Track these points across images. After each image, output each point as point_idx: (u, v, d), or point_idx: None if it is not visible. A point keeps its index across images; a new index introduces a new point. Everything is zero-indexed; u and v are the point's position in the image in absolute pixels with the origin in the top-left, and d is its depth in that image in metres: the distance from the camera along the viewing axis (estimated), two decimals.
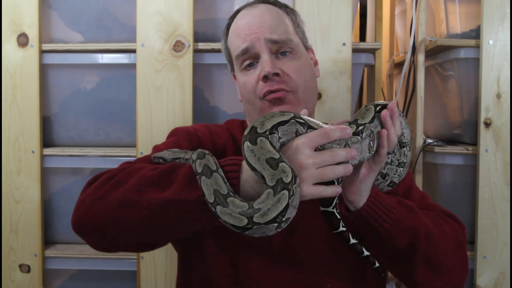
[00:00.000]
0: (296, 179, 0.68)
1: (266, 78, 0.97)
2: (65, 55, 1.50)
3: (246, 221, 0.67)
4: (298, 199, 0.69)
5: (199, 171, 0.74)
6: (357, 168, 0.85)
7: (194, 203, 0.73)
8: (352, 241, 0.91)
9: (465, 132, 1.54)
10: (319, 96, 1.43)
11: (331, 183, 0.74)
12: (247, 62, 1.02)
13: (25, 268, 1.51)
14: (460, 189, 1.55)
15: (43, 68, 1.51)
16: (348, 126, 0.75)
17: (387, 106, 0.84)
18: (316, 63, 1.11)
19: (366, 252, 0.93)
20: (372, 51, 1.56)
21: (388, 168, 0.93)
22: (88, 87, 1.55)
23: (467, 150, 1.49)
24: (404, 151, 0.92)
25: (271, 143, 0.70)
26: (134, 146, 1.50)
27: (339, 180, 0.80)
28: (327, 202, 0.88)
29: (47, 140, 1.56)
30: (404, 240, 0.89)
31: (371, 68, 1.66)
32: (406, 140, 0.92)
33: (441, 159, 1.51)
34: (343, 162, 0.73)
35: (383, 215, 0.87)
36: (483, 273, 1.47)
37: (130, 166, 0.84)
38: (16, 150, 1.49)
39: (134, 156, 1.47)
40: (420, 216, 0.91)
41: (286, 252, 0.97)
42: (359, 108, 1.00)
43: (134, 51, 1.47)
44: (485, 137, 1.46)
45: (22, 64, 1.48)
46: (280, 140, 0.73)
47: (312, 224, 0.97)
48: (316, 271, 0.96)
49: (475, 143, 1.49)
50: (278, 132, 0.73)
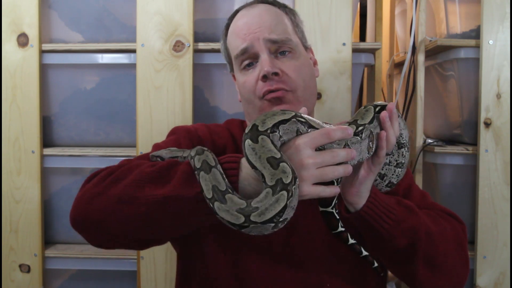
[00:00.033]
0: (296, 180, 0.68)
1: (265, 77, 0.97)
2: (65, 55, 1.50)
3: (243, 219, 0.66)
4: (297, 201, 0.69)
5: (198, 166, 0.74)
6: (356, 170, 0.84)
7: (193, 199, 0.73)
8: (351, 241, 0.91)
9: (465, 132, 1.54)
10: (319, 96, 1.43)
11: (330, 183, 0.74)
12: (246, 62, 1.02)
13: (25, 268, 1.51)
14: (460, 189, 1.55)
15: (43, 68, 1.51)
16: (349, 127, 0.75)
17: (386, 107, 0.84)
18: (315, 63, 1.11)
19: (364, 252, 0.93)
20: (372, 51, 1.56)
21: (386, 169, 0.93)
22: (88, 87, 1.55)
23: (467, 150, 1.49)
24: (402, 152, 0.92)
25: (272, 142, 0.70)
26: (134, 146, 1.50)
27: (339, 180, 0.80)
28: (326, 202, 0.88)
29: (47, 140, 1.56)
30: (404, 240, 0.89)
31: (371, 68, 1.66)
32: (405, 141, 0.92)
33: (441, 159, 1.51)
34: (342, 163, 0.72)
35: (383, 215, 0.87)
36: (483, 273, 1.47)
37: (129, 163, 0.84)
38: (16, 150, 1.49)
39: (134, 156, 1.47)
40: (420, 216, 0.91)
41: (286, 252, 0.97)
42: (359, 108, 1.00)
43: (134, 51, 1.47)
44: (485, 137, 1.46)
45: (22, 64, 1.48)
46: (281, 139, 0.73)
47: (312, 224, 0.97)
48: (316, 271, 0.96)
49: (475, 143, 1.49)
50: (279, 130, 0.72)
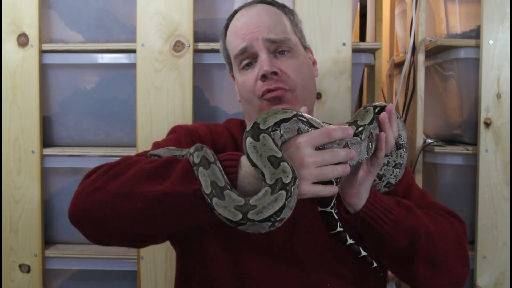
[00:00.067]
0: (296, 180, 0.68)
1: (264, 77, 0.97)
2: (65, 55, 1.50)
3: (241, 216, 0.67)
4: (295, 201, 0.69)
5: (197, 162, 0.74)
6: (355, 171, 0.85)
7: (191, 196, 0.73)
8: (350, 241, 0.91)
9: (465, 132, 1.54)
10: (319, 96, 1.43)
11: (329, 183, 0.74)
12: (246, 62, 1.02)
13: (25, 268, 1.51)
14: (460, 189, 1.55)
15: (43, 68, 1.51)
16: (349, 127, 0.75)
17: (385, 107, 0.84)
18: (314, 62, 1.11)
19: (363, 252, 0.93)
20: (372, 51, 1.56)
21: (384, 169, 0.93)
22: (88, 87, 1.55)
23: (467, 150, 1.49)
24: (400, 153, 0.93)
25: (273, 141, 0.70)
26: (134, 146, 1.50)
27: (338, 180, 0.80)
28: (325, 202, 0.88)
29: (47, 140, 1.56)
30: (404, 240, 0.89)
31: (371, 68, 1.66)
32: (403, 142, 0.92)
33: (441, 159, 1.51)
34: (341, 163, 0.73)
35: (383, 216, 0.87)
36: (483, 273, 1.47)
37: (128, 159, 0.84)
38: (16, 150, 1.49)
39: None
40: (419, 215, 0.91)
41: (286, 252, 0.97)
42: (359, 108, 1.00)
43: (134, 51, 1.47)
44: (485, 137, 1.46)
45: (22, 64, 1.48)
46: (282, 138, 0.73)
47: (312, 224, 0.97)
48: (316, 271, 0.96)
49: (475, 143, 1.49)
50: (280, 129, 0.72)
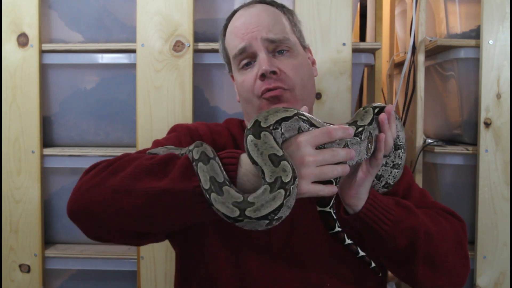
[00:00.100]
0: (296, 180, 0.68)
1: (263, 76, 0.98)
2: (65, 55, 1.50)
3: (238, 213, 0.67)
4: (294, 200, 0.69)
5: (196, 157, 0.74)
6: (354, 172, 0.85)
7: (190, 193, 0.73)
8: (348, 241, 0.92)
9: (465, 132, 1.54)
10: (319, 96, 1.43)
11: (328, 182, 0.74)
12: (245, 62, 1.02)
13: (25, 268, 1.51)
14: (460, 189, 1.55)
15: (43, 68, 1.51)
16: (350, 127, 0.76)
17: (384, 108, 0.85)
18: (313, 62, 1.11)
19: (361, 253, 0.93)
20: (372, 51, 1.56)
21: (383, 170, 0.94)
22: (88, 87, 1.55)
23: (467, 150, 1.49)
24: (399, 153, 0.93)
25: (274, 139, 0.70)
26: (134, 146, 1.50)
27: (337, 180, 0.80)
28: (325, 202, 0.88)
29: (47, 140, 1.56)
30: (404, 241, 0.89)
31: (371, 68, 1.66)
32: (401, 143, 0.93)
33: (441, 159, 1.51)
34: (341, 162, 0.73)
35: (382, 217, 0.87)
36: (483, 273, 1.47)
37: (128, 156, 0.84)
38: (16, 150, 1.49)
39: None
40: (418, 216, 0.92)
41: (286, 252, 0.97)
42: (359, 108, 1.00)
43: (134, 51, 1.47)
44: (485, 137, 1.46)
45: (22, 64, 1.48)
46: (283, 136, 0.73)
47: (312, 224, 0.97)
48: (316, 271, 0.96)
49: (475, 143, 1.49)
50: (281, 127, 0.73)
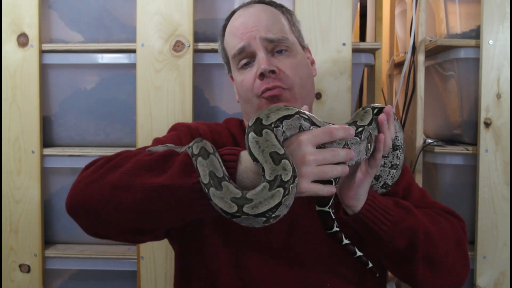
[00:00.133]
0: (295, 179, 0.68)
1: (262, 75, 0.98)
2: (65, 55, 1.50)
3: (236, 208, 0.67)
4: (293, 199, 0.69)
5: (196, 152, 0.74)
6: (353, 173, 0.85)
7: (189, 189, 0.73)
8: (345, 241, 0.92)
9: (465, 132, 1.54)
10: (319, 96, 1.43)
11: (328, 182, 0.75)
12: (244, 62, 1.02)
13: (25, 268, 1.51)
14: (460, 189, 1.55)
15: (43, 68, 1.51)
16: (350, 127, 0.76)
17: (383, 109, 0.85)
18: (313, 62, 1.12)
19: (358, 253, 0.93)
20: (372, 51, 1.56)
21: (381, 170, 0.94)
22: (88, 87, 1.55)
23: (467, 150, 1.49)
24: (397, 154, 0.93)
25: (276, 137, 0.70)
26: (134, 146, 1.50)
27: (337, 180, 0.80)
28: (324, 201, 0.88)
29: (47, 140, 1.56)
30: (403, 241, 0.89)
31: (371, 68, 1.66)
32: (400, 143, 0.93)
33: (441, 159, 1.51)
34: (340, 163, 0.73)
35: (381, 217, 0.88)
36: (483, 273, 1.47)
37: (128, 152, 0.84)
38: (16, 150, 1.49)
39: None
40: (418, 216, 0.92)
41: (286, 252, 0.97)
42: (359, 108, 1.00)
43: (134, 51, 1.47)
44: (485, 137, 1.46)
45: (22, 64, 1.48)
46: (284, 134, 0.73)
47: (312, 224, 0.97)
48: (316, 271, 0.97)
49: (475, 143, 1.49)
50: (283, 125, 0.73)
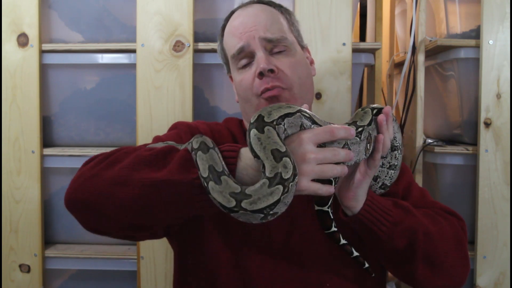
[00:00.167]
0: (295, 177, 0.68)
1: (261, 75, 0.98)
2: (65, 55, 1.50)
3: (234, 203, 0.67)
4: (292, 198, 0.69)
5: (196, 147, 0.74)
6: (352, 173, 0.85)
7: (188, 185, 0.73)
8: (342, 241, 0.92)
9: (465, 132, 1.54)
10: (319, 96, 1.43)
11: (327, 182, 0.75)
12: (243, 62, 1.02)
13: (25, 268, 1.51)
14: (460, 189, 1.55)
15: (43, 68, 1.51)
16: (351, 127, 0.76)
17: (382, 109, 0.85)
18: (312, 62, 1.12)
19: (355, 253, 0.94)
20: (372, 51, 1.56)
21: (379, 171, 0.94)
22: (88, 87, 1.55)
23: (467, 150, 1.49)
24: (395, 154, 0.94)
25: (278, 134, 0.71)
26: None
27: (336, 180, 0.80)
28: (323, 201, 0.88)
29: (47, 140, 1.56)
30: (402, 241, 0.89)
31: (371, 68, 1.66)
32: (398, 144, 0.94)
33: (441, 159, 1.51)
34: (340, 162, 0.73)
35: (381, 218, 0.88)
36: (483, 273, 1.47)
37: (127, 148, 0.84)
38: (16, 150, 1.49)
39: None
40: (417, 216, 0.92)
41: (286, 252, 0.97)
42: (359, 108, 1.01)
43: (134, 51, 1.47)
44: (485, 137, 1.46)
45: (22, 64, 1.48)
46: (285, 132, 0.74)
47: (312, 224, 0.96)
48: (316, 271, 0.97)
49: (475, 143, 1.49)
50: (284, 123, 0.73)
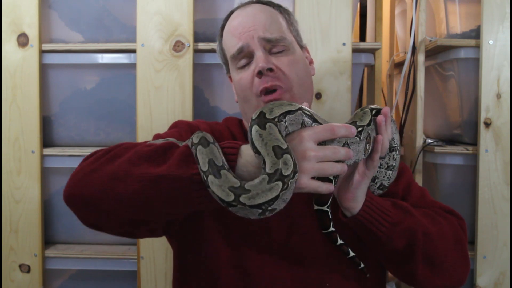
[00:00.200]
0: (295, 174, 0.68)
1: (260, 74, 0.98)
2: (65, 55, 1.50)
3: (233, 197, 0.67)
4: (291, 195, 0.69)
5: (196, 142, 0.74)
6: (350, 174, 0.86)
7: (188, 180, 0.73)
8: (339, 242, 0.92)
9: (465, 132, 1.54)
10: (319, 96, 1.43)
11: (327, 180, 0.75)
12: (243, 62, 1.02)
13: (25, 268, 1.51)
14: (460, 189, 1.55)
15: (43, 68, 1.51)
16: (352, 126, 0.76)
17: (381, 110, 0.85)
18: (311, 62, 1.12)
19: (351, 253, 0.94)
20: (372, 51, 1.56)
21: (378, 171, 0.94)
22: (88, 87, 1.55)
23: (467, 150, 1.49)
24: (393, 155, 0.94)
25: (279, 131, 0.71)
26: None
27: (336, 179, 0.80)
28: (323, 201, 0.88)
29: (47, 140, 1.56)
30: (402, 242, 0.89)
31: (371, 68, 1.66)
32: (396, 145, 0.94)
33: (441, 159, 1.51)
34: (340, 161, 0.73)
35: (380, 219, 0.88)
36: (483, 273, 1.47)
37: (127, 143, 0.84)
38: (16, 150, 1.49)
39: None
40: (416, 216, 0.92)
41: (286, 251, 0.97)
42: (359, 108, 1.01)
43: (134, 51, 1.47)
44: (485, 137, 1.46)
45: (22, 64, 1.48)
46: (286, 129, 0.74)
47: (312, 223, 0.96)
48: (316, 270, 0.97)
49: (475, 143, 1.49)
50: (286, 120, 0.73)
